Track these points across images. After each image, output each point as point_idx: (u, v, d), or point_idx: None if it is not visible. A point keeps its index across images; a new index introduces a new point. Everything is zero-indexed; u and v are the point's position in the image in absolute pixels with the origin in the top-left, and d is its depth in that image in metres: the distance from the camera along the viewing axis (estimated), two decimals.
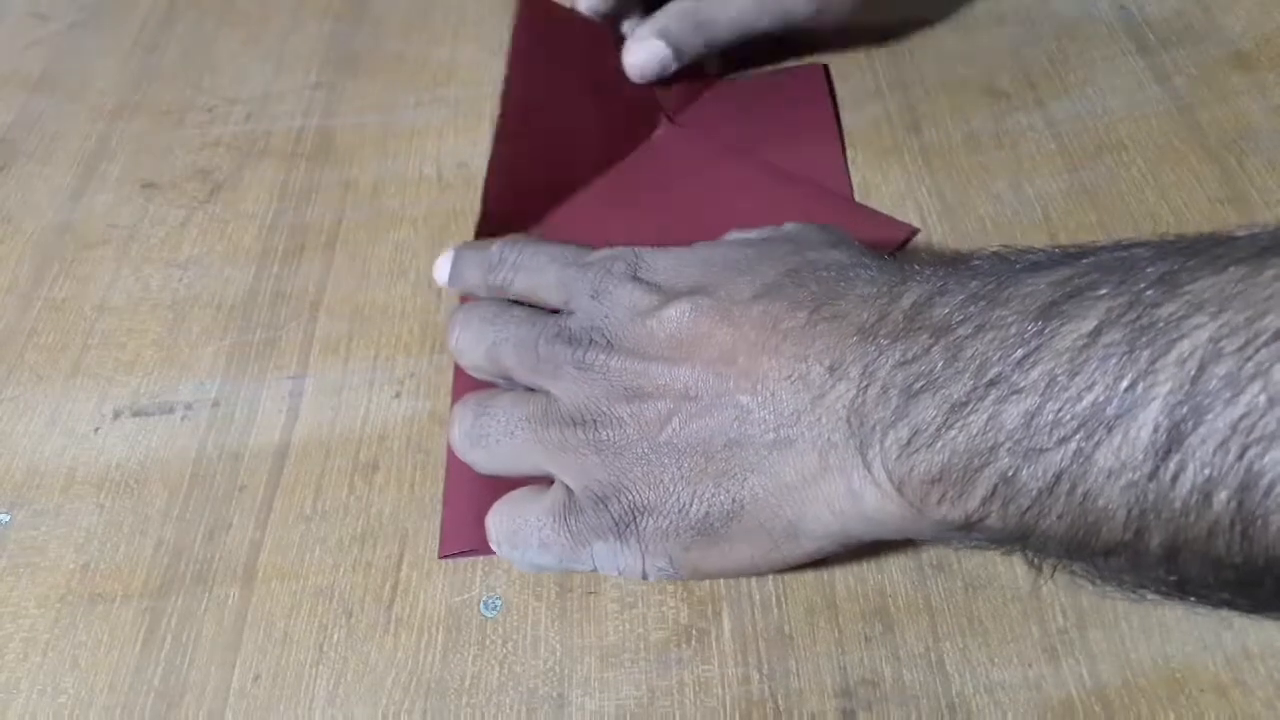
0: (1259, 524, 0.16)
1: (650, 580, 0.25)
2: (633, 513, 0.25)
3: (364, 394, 0.34)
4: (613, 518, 0.25)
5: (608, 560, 0.26)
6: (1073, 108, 0.39)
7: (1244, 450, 0.16)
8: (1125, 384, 0.18)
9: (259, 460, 0.32)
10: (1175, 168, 0.37)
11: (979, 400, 0.20)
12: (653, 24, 0.38)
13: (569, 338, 0.26)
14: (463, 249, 0.32)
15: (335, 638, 0.28)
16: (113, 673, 0.28)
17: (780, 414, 0.23)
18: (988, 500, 0.20)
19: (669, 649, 0.27)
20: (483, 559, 0.29)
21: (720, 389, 0.24)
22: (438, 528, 0.30)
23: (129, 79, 0.46)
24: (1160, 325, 0.18)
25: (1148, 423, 0.17)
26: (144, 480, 0.32)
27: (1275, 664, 0.26)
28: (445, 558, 0.30)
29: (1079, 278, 0.20)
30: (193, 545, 0.30)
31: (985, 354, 0.20)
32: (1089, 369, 0.18)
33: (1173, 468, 0.17)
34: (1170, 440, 0.17)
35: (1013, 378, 0.19)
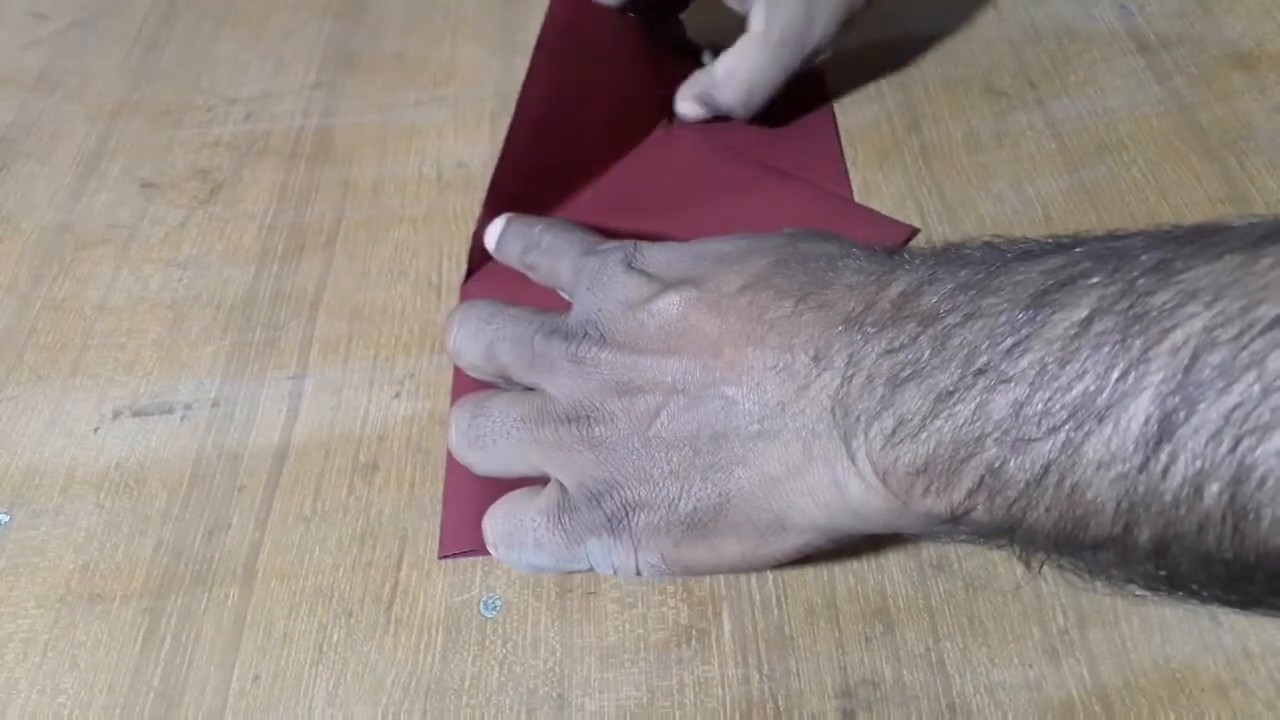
0: (1251, 518, 0.16)
1: (643, 576, 0.25)
2: (625, 509, 0.25)
3: (364, 394, 0.34)
4: (605, 514, 0.25)
5: (601, 557, 0.25)
6: (1073, 107, 0.39)
7: (1237, 442, 0.16)
8: (1116, 373, 0.17)
9: (259, 460, 0.32)
10: (1175, 168, 0.37)
11: (966, 390, 0.19)
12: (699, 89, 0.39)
13: (564, 333, 0.27)
14: (514, 220, 0.33)
15: (335, 638, 0.28)
16: (112, 673, 0.28)
17: (765, 405, 0.23)
18: (974, 492, 0.20)
19: (669, 649, 0.27)
20: (483, 559, 0.29)
21: (706, 381, 0.24)
22: (438, 528, 0.30)
23: (129, 79, 0.46)
24: (1153, 314, 0.17)
25: (1139, 413, 0.17)
26: (143, 480, 0.32)
27: (1275, 664, 0.26)
28: (445, 558, 0.30)
29: (1071, 266, 0.19)
30: (192, 545, 0.30)
31: (974, 343, 0.19)
32: (1080, 358, 0.18)
33: (1163, 459, 0.17)
34: (1161, 431, 0.17)
35: (1001, 366, 0.19)
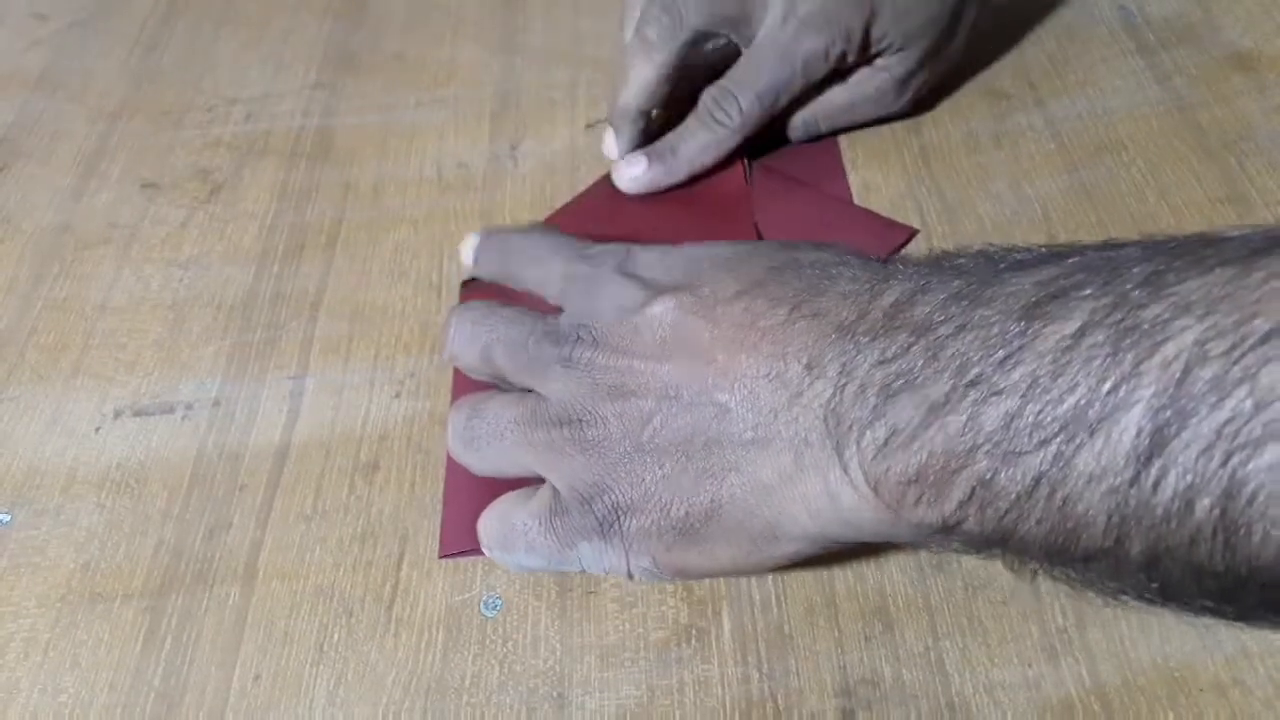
0: (1242, 533, 0.16)
1: (636, 580, 0.25)
2: (616, 513, 0.25)
3: (364, 394, 0.34)
4: (597, 518, 0.25)
5: (593, 561, 0.26)
6: (1073, 108, 0.39)
7: (1228, 456, 0.16)
8: (1108, 386, 0.17)
9: (259, 460, 0.32)
10: (1175, 168, 0.37)
11: (958, 401, 0.19)
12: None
13: (557, 336, 0.26)
14: (490, 231, 0.32)
15: (335, 637, 0.28)
16: (113, 672, 0.28)
17: (758, 412, 0.23)
18: (965, 503, 0.20)
19: (669, 648, 0.27)
20: (483, 559, 0.29)
21: (700, 387, 0.24)
22: (438, 528, 0.30)
23: (129, 79, 0.46)
24: (1145, 327, 0.17)
25: (1130, 426, 0.17)
26: (144, 480, 0.32)
27: (1275, 664, 0.26)
28: (445, 558, 0.30)
29: (1064, 278, 0.19)
30: (193, 545, 0.30)
31: (966, 354, 0.19)
32: (1071, 370, 0.18)
33: (1154, 473, 0.17)
34: (1153, 445, 0.17)
35: (993, 378, 0.19)
